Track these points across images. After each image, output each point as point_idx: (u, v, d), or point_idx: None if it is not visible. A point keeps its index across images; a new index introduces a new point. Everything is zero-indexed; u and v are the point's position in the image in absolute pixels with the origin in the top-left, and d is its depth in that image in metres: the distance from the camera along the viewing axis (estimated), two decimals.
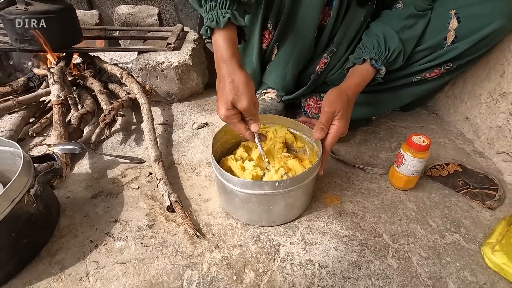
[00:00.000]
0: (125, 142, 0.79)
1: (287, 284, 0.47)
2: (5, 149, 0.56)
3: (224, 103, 0.49)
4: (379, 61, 0.59)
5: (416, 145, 0.57)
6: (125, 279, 0.47)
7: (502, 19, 0.58)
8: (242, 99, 0.48)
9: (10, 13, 0.83)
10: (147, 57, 0.92)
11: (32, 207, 0.48)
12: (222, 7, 0.49)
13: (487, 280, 0.47)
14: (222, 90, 0.49)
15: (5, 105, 0.79)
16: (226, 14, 0.49)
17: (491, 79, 0.70)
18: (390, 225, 0.57)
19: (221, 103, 0.49)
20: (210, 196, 0.63)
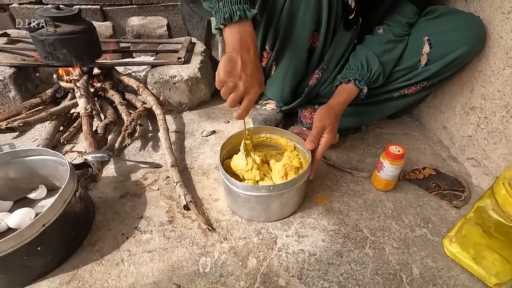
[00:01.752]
0: (143, 149, 0.90)
1: (282, 269, 0.58)
2: (50, 158, 0.68)
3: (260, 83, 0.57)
4: (362, 82, 0.70)
5: (393, 154, 0.67)
6: (152, 264, 0.59)
7: (468, 45, 0.68)
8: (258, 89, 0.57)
9: (41, 35, 0.94)
10: (160, 71, 1.03)
11: (77, 207, 0.60)
12: (245, 3, 0.56)
13: (445, 265, 0.58)
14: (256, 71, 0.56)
15: (39, 116, 0.90)
16: (252, 9, 0.56)
17: (463, 94, 0.80)
18: (369, 221, 0.67)
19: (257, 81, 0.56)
20: (219, 196, 0.74)
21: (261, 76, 0.58)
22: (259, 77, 0.57)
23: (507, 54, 0.66)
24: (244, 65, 0.55)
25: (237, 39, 0.56)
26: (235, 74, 0.55)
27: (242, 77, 0.55)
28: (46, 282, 0.55)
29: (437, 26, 0.71)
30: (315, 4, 0.67)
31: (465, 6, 0.79)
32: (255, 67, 0.56)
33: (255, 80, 0.56)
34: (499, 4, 0.67)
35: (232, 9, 0.55)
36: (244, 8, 0.56)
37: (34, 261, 0.53)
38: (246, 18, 0.56)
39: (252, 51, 0.57)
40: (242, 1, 0.56)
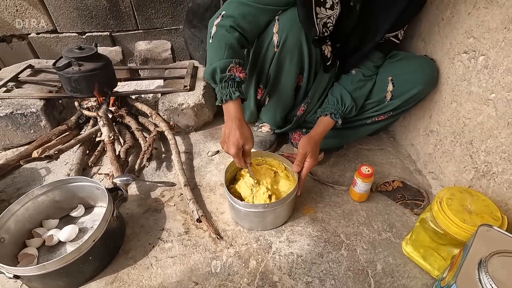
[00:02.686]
0: (159, 169, 1.07)
1: (276, 268, 0.75)
2: (88, 184, 0.84)
3: (235, 145, 0.74)
4: (337, 115, 0.86)
5: (363, 174, 0.84)
6: (175, 267, 0.75)
7: (421, 85, 0.85)
8: (250, 143, 0.77)
9: (68, 73, 1.10)
10: (169, 98, 1.19)
11: (115, 224, 0.77)
12: (232, 87, 0.77)
13: (402, 262, 0.75)
14: (234, 136, 0.75)
15: (69, 144, 1.07)
16: (236, 92, 0.76)
17: (425, 118, 0.96)
18: (346, 228, 0.84)
19: (233, 145, 0.74)
20: (224, 209, 0.91)
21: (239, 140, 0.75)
22: (236, 142, 0.74)
23: (453, 91, 0.82)
24: (226, 136, 0.76)
25: (225, 114, 0.78)
26: (222, 142, 0.78)
27: (225, 145, 0.78)
28: (95, 283, 0.72)
29: (398, 69, 0.88)
30: (298, 56, 0.83)
31: (424, 46, 0.95)
32: (233, 135, 0.75)
33: (232, 144, 0.75)
34: (446, 51, 0.84)
35: (223, 93, 0.77)
36: (230, 92, 0.76)
37: (87, 267, 0.70)
38: (232, 100, 0.76)
39: (234, 124, 0.75)
40: (230, 85, 0.76)
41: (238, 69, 0.77)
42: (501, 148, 0.68)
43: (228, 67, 0.76)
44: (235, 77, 0.77)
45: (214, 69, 0.77)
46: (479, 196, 0.64)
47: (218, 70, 0.76)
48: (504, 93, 0.66)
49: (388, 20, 0.78)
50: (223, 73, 0.76)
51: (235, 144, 0.75)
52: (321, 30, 0.78)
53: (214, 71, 0.77)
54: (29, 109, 1.12)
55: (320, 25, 0.77)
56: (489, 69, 0.70)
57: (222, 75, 0.76)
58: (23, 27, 1.59)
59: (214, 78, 0.78)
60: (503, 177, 0.68)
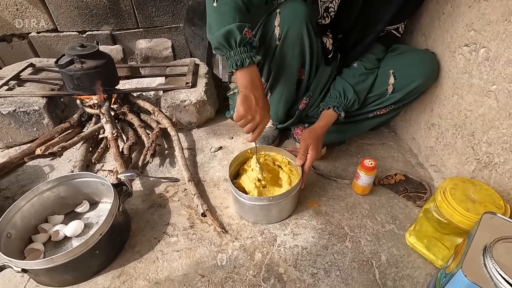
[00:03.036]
0: (162, 165, 1.07)
1: (281, 260, 0.75)
2: (93, 179, 0.85)
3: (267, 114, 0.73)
4: (340, 108, 0.87)
5: (366, 167, 0.85)
6: (181, 260, 0.76)
7: (422, 79, 0.86)
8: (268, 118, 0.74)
9: (70, 70, 1.10)
10: (172, 95, 1.20)
11: (120, 218, 0.77)
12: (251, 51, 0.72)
13: (406, 253, 0.76)
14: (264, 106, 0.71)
15: (73, 141, 1.07)
16: (257, 56, 0.72)
17: (426, 112, 0.97)
18: (350, 220, 0.85)
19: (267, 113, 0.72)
20: (229, 204, 0.91)
21: (269, 106, 0.73)
22: (268, 108, 0.73)
23: (454, 84, 0.83)
24: (256, 101, 0.71)
25: (248, 80, 0.72)
26: (252, 109, 0.70)
27: (257, 111, 0.71)
28: (102, 277, 0.73)
29: (400, 62, 0.89)
30: (300, 49, 0.83)
31: (425, 40, 0.96)
32: (264, 101, 0.72)
33: (266, 111, 0.72)
34: (447, 44, 0.85)
35: (242, 57, 0.71)
36: (251, 55, 0.72)
37: (94, 261, 0.70)
38: (254, 63, 0.72)
39: (260, 88, 0.72)
40: (249, 49, 0.72)
41: (250, 33, 0.73)
42: (502, 139, 0.69)
43: (244, 30, 0.71)
44: (253, 41, 0.73)
45: (229, 30, 0.69)
46: (482, 185, 0.65)
47: (237, 31, 0.69)
48: (505, 84, 0.67)
49: (389, 11, 0.79)
50: (241, 35, 0.70)
51: (268, 111, 0.72)
52: (322, 13, 0.78)
53: (229, 33, 0.70)
54: (31, 107, 1.12)
55: (322, 8, 0.77)
56: (490, 61, 0.71)
57: (241, 37, 0.70)
58: (23, 26, 1.59)
59: (229, 41, 0.71)
60: (505, 167, 0.69)
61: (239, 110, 0.70)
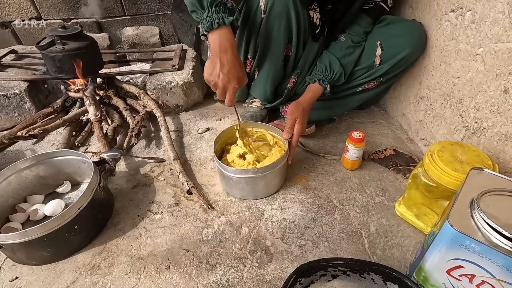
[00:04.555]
0: (148, 147, 1.04)
1: (268, 233, 0.73)
2: (74, 157, 0.82)
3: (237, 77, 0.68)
4: (325, 81, 0.85)
5: (355, 139, 0.83)
6: (165, 236, 0.73)
7: (410, 48, 0.84)
8: (246, 78, 0.71)
9: (51, 52, 1.07)
10: (158, 78, 1.17)
11: (101, 194, 0.75)
12: (224, 12, 0.69)
13: (395, 223, 0.74)
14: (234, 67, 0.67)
15: (55, 123, 1.04)
16: (229, 17, 0.69)
17: (415, 85, 0.96)
18: (339, 194, 0.83)
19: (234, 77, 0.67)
20: (215, 182, 0.89)
21: (238, 72, 0.68)
22: (236, 74, 0.68)
23: (441, 52, 0.82)
24: (222, 66, 0.67)
25: (216, 43, 0.68)
26: (214, 74, 0.68)
27: (220, 76, 0.67)
28: (82, 254, 0.70)
29: (386, 33, 0.87)
30: (286, 23, 0.81)
31: (412, 12, 0.94)
32: (232, 66, 0.67)
33: (232, 76, 0.67)
34: (433, 12, 0.83)
35: (213, 18, 0.68)
36: (222, 16, 0.68)
37: (73, 237, 0.68)
38: (225, 25, 0.68)
39: (230, 52, 0.68)
40: (221, 10, 0.68)
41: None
42: (490, 102, 0.68)
43: None
44: (227, 2, 0.70)
45: None
46: (469, 147, 0.63)
47: None
48: (491, 45, 0.66)
49: None
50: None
51: (236, 75, 0.67)
52: None
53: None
54: (12, 91, 1.09)
55: None
56: (476, 23, 0.70)
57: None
58: (6, 14, 1.55)
59: (201, 2, 0.69)
60: (493, 131, 0.68)
61: (204, 75, 0.68)
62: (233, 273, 0.65)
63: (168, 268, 0.66)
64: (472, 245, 0.42)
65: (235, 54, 0.68)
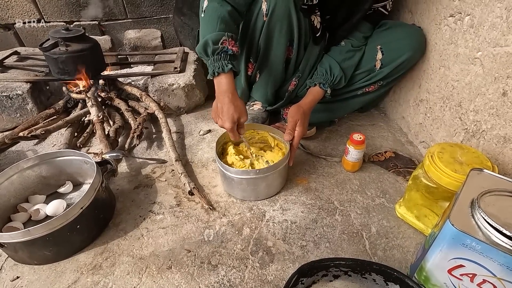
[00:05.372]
0: (150, 148, 1.05)
1: (270, 234, 0.74)
2: (76, 157, 0.82)
3: (231, 119, 0.74)
4: (326, 85, 0.86)
5: (355, 141, 0.84)
6: (167, 237, 0.74)
7: (410, 52, 0.86)
8: (245, 116, 0.77)
9: (55, 53, 1.08)
10: (160, 80, 1.18)
11: (103, 194, 0.75)
12: (225, 59, 0.76)
13: (396, 224, 0.75)
14: (228, 110, 0.74)
15: (57, 124, 1.04)
16: (228, 65, 0.75)
17: (414, 89, 0.97)
18: (339, 195, 0.84)
19: (228, 119, 0.74)
20: (217, 183, 0.89)
21: (232, 114, 0.74)
22: (230, 116, 0.74)
23: (440, 56, 0.83)
24: (220, 108, 0.75)
25: (217, 88, 0.77)
26: (214, 116, 0.78)
27: (219, 118, 0.76)
28: (84, 254, 0.70)
29: (387, 37, 0.88)
30: (288, 26, 0.83)
31: (411, 16, 0.96)
32: (227, 108, 0.74)
33: (227, 118, 0.74)
34: (433, 17, 0.85)
35: (215, 66, 0.75)
36: (223, 64, 0.75)
37: (75, 237, 0.68)
38: (224, 72, 0.75)
39: (226, 97, 0.74)
40: (223, 57, 0.75)
41: (231, 42, 0.77)
42: (489, 104, 0.69)
43: (221, 40, 0.75)
44: (228, 50, 0.76)
45: (206, 41, 0.76)
46: (469, 149, 0.64)
47: (210, 42, 0.75)
48: (490, 49, 0.67)
49: None
50: (215, 45, 0.75)
51: (230, 118, 0.74)
52: None
53: (206, 44, 0.76)
54: (14, 92, 1.10)
55: None
56: (474, 27, 0.71)
57: (214, 47, 0.75)
58: (9, 16, 1.57)
59: (206, 51, 0.77)
60: (492, 133, 0.69)
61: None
62: (235, 273, 0.65)
63: (170, 268, 0.66)
64: (473, 244, 0.43)
65: (231, 98, 0.75)
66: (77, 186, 0.88)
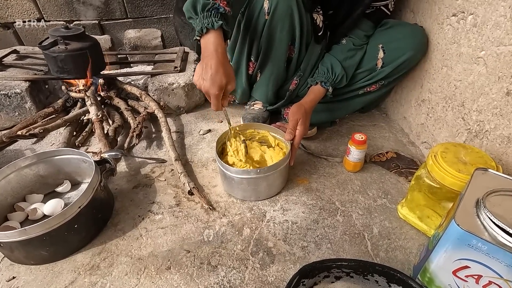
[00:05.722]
0: (149, 147, 1.04)
1: (270, 235, 0.73)
2: (74, 156, 0.81)
3: (217, 84, 0.65)
4: (327, 83, 0.86)
5: (357, 141, 0.83)
6: (166, 237, 0.73)
7: (412, 51, 0.85)
8: (232, 82, 0.68)
9: (54, 52, 1.07)
10: (160, 79, 1.17)
11: (102, 194, 0.74)
12: (215, 17, 0.67)
13: (398, 225, 0.74)
14: (216, 73, 0.64)
15: (56, 123, 1.03)
16: (219, 21, 0.67)
17: (416, 89, 0.97)
18: (341, 196, 0.83)
19: (215, 83, 0.65)
20: (217, 183, 0.88)
21: (220, 78, 0.65)
22: (218, 80, 0.65)
23: (443, 56, 0.83)
24: (206, 71, 0.66)
25: (204, 48, 0.68)
26: (197, 79, 0.68)
27: (203, 81, 0.67)
28: (81, 254, 0.69)
29: (388, 36, 0.88)
30: (290, 24, 0.82)
31: (413, 16, 0.95)
32: (215, 71, 0.65)
33: (213, 82, 0.65)
34: (435, 17, 0.84)
35: (203, 23, 0.67)
36: (212, 21, 0.67)
37: (72, 236, 0.67)
38: (214, 29, 0.67)
39: (215, 57, 0.66)
40: (213, 14, 0.67)
41: (223, 2, 0.69)
42: (492, 104, 0.68)
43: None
44: (219, 7, 0.69)
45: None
46: (473, 149, 0.63)
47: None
48: (493, 48, 0.66)
49: None
50: (206, 0, 0.68)
51: (218, 82, 0.65)
52: None
53: (195, 0, 0.69)
54: (13, 90, 1.09)
55: None
56: (478, 27, 0.70)
57: (205, 2, 0.67)
58: (8, 15, 1.56)
59: (195, 7, 0.69)
60: (495, 133, 0.68)
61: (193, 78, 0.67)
62: (235, 274, 0.64)
63: (169, 268, 0.65)
64: (479, 244, 0.42)
65: (221, 59, 0.66)
66: (75, 185, 0.87)
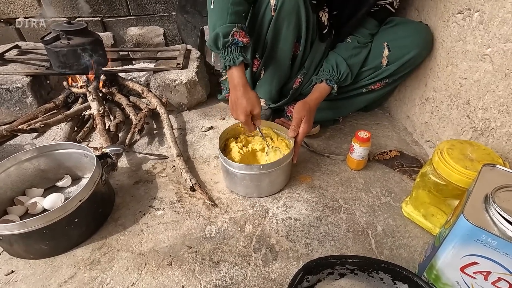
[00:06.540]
0: (151, 143, 1.03)
1: (273, 231, 0.72)
2: (75, 150, 0.80)
3: (244, 112, 0.74)
4: (332, 81, 0.85)
5: (361, 138, 0.82)
6: (167, 233, 0.72)
7: (417, 49, 0.84)
8: (257, 108, 0.76)
9: (56, 47, 1.06)
10: (162, 76, 1.17)
11: (103, 188, 0.73)
12: (235, 52, 0.76)
13: (402, 223, 0.73)
14: (240, 104, 0.74)
15: (57, 118, 1.02)
16: (239, 57, 0.75)
17: (420, 87, 0.96)
18: (344, 193, 0.82)
19: (241, 111, 0.74)
20: (219, 179, 0.87)
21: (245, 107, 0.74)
22: (242, 109, 0.74)
23: (448, 54, 0.82)
24: (234, 101, 0.76)
25: (230, 81, 0.78)
26: (231, 109, 0.79)
27: (233, 112, 0.78)
28: (81, 249, 0.68)
29: (393, 34, 0.87)
30: (296, 21, 0.82)
31: (418, 14, 0.95)
32: (240, 102, 0.74)
33: (240, 111, 0.75)
34: (440, 14, 0.84)
35: (226, 59, 0.76)
36: (233, 57, 0.75)
37: (72, 230, 0.66)
38: (235, 65, 0.75)
39: (238, 90, 0.75)
40: (233, 50, 0.75)
41: (242, 33, 0.76)
42: (499, 102, 0.68)
43: (231, 32, 0.75)
44: (238, 42, 0.76)
45: (216, 34, 0.76)
46: (479, 146, 0.63)
47: (221, 35, 0.75)
48: (500, 45, 0.66)
49: None
50: (225, 38, 0.75)
51: (243, 111, 0.74)
52: None
53: (216, 37, 0.76)
54: (14, 84, 1.08)
55: None
56: (484, 24, 0.70)
57: (224, 40, 0.75)
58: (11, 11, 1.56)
59: (216, 44, 0.77)
60: (502, 131, 0.67)
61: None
62: (237, 270, 0.63)
63: (170, 264, 0.64)
64: (489, 239, 0.41)
65: (243, 90, 0.75)
66: (76, 180, 0.86)
